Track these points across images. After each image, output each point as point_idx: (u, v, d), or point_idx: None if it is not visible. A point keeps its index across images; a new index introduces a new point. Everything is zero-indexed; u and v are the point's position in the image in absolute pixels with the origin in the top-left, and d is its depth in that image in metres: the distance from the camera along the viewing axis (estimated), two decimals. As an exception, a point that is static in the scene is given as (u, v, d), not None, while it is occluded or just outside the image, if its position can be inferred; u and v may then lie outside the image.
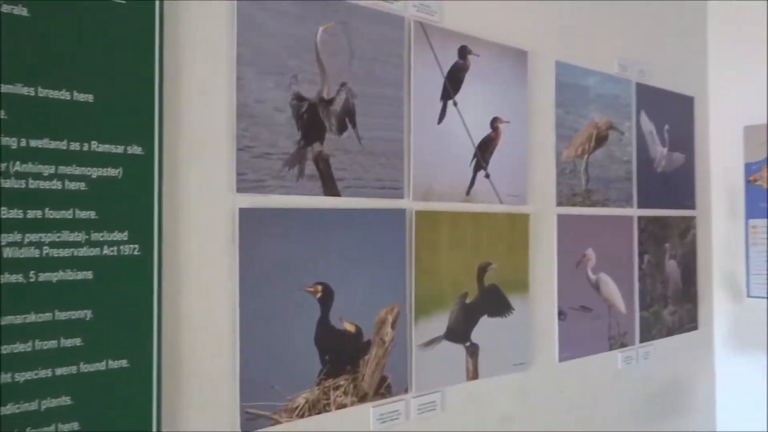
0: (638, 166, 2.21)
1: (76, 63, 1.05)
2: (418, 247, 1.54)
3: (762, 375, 2.41)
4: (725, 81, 2.54)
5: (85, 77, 1.05)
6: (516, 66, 1.80)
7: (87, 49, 1.06)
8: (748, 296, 2.46)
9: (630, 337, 2.15)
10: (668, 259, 2.33)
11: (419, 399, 1.53)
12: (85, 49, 1.05)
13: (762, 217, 2.41)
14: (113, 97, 1.08)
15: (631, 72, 2.19)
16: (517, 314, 1.77)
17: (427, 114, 1.58)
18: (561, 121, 1.94)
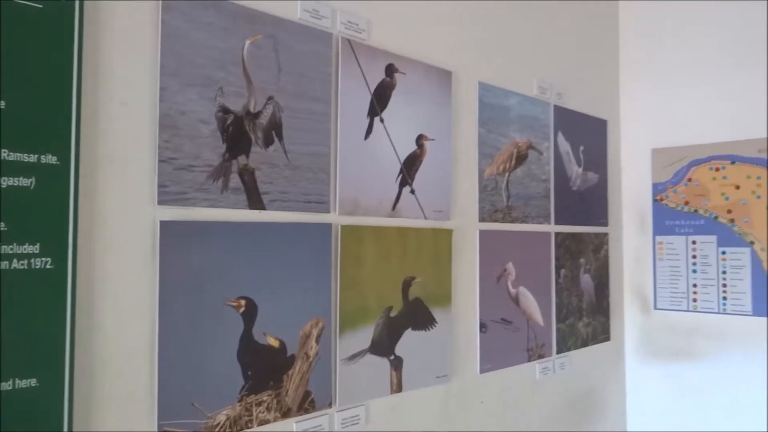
0: (555, 185, 2.31)
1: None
2: (344, 261, 1.55)
3: (668, 382, 2.55)
4: (635, 106, 2.70)
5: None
6: (441, 85, 1.85)
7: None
8: (654, 308, 2.61)
9: (547, 349, 2.24)
10: (583, 273, 2.44)
11: (343, 413, 1.53)
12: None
13: (668, 234, 2.57)
14: (27, 105, 1.04)
15: (549, 95, 2.30)
16: (441, 327, 1.81)
17: (354, 130, 1.60)
18: (483, 140, 2.01)
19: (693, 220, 2.50)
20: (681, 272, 2.53)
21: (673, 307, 2.55)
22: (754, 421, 2.32)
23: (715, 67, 2.47)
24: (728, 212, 2.41)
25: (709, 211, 2.46)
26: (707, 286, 2.46)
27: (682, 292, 2.52)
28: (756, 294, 2.34)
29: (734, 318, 2.39)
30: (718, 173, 2.45)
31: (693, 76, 2.53)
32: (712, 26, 2.48)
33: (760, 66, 2.36)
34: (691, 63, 2.54)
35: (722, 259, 2.42)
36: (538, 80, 2.25)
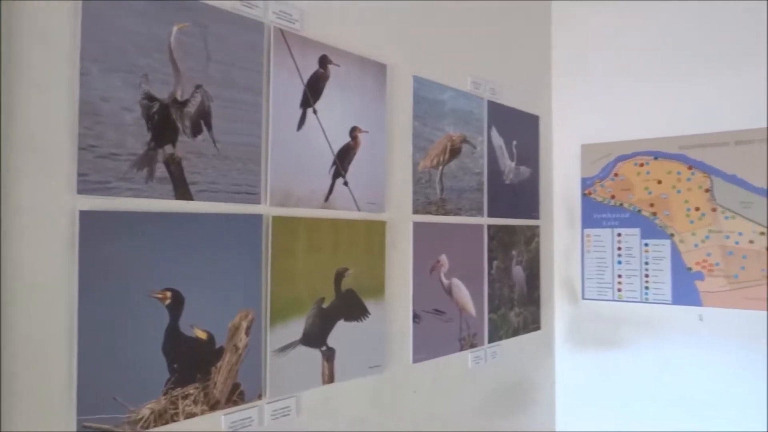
0: (489, 178, 2.36)
1: None
2: (275, 252, 1.54)
3: (595, 369, 2.66)
4: (566, 103, 2.78)
5: None
6: (375, 78, 1.86)
7: None
8: (582, 298, 2.71)
9: (479, 338, 2.29)
10: (515, 264, 2.50)
11: (273, 404, 1.53)
12: None
13: (595, 227, 2.67)
14: (-68, 87, 0.99)
15: (483, 90, 2.34)
16: (373, 318, 1.82)
17: (287, 120, 1.59)
18: (418, 133, 2.03)
19: (618, 213, 2.61)
20: (607, 263, 2.63)
21: (599, 297, 2.66)
22: (676, 405, 2.45)
23: (641, 68, 2.58)
24: (651, 206, 2.53)
25: (633, 205, 2.57)
26: (631, 276, 2.57)
27: (608, 282, 2.63)
28: (675, 284, 2.46)
29: (656, 307, 2.51)
30: (642, 168, 2.55)
31: (620, 76, 2.63)
32: (640, 29, 2.59)
33: (682, 68, 2.47)
34: (619, 64, 2.64)
35: (645, 250, 2.54)
36: (472, 76, 2.29)
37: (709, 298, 2.38)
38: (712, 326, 2.38)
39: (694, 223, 2.42)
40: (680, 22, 2.49)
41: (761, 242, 2.28)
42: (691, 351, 2.42)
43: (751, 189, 2.31)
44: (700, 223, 2.41)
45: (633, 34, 2.61)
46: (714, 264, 2.37)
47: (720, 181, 2.37)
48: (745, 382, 2.30)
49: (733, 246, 2.34)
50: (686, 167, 2.45)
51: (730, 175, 2.35)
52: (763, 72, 2.29)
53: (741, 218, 2.32)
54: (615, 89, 2.64)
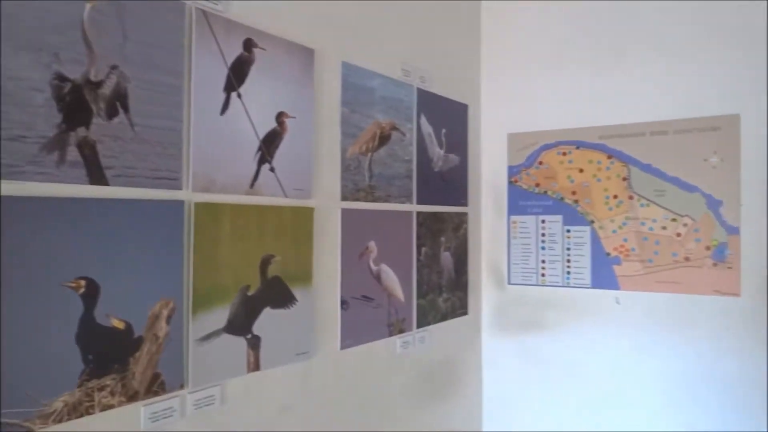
0: (418, 166, 2.38)
1: None
2: (198, 239, 1.51)
3: (520, 352, 2.75)
4: (494, 92, 2.84)
5: None
6: (303, 63, 1.84)
7: None
8: (508, 283, 2.78)
9: (408, 324, 2.32)
10: (443, 251, 2.55)
11: (196, 394, 1.50)
12: None
13: (521, 213, 2.75)
14: None
15: (413, 78, 2.36)
16: (301, 305, 1.82)
17: (209, 104, 1.56)
18: (346, 119, 2.03)
19: (543, 200, 2.69)
20: (532, 249, 2.72)
21: (524, 282, 2.74)
22: (596, 385, 2.56)
23: (565, 61, 2.66)
24: (573, 194, 2.62)
25: (556, 193, 2.66)
26: (554, 261, 2.66)
27: (533, 267, 2.71)
28: (595, 268, 2.56)
29: (576, 290, 2.61)
30: (565, 157, 2.64)
31: (546, 68, 2.70)
32: (564, 23, 2.66)
33: (602, 61, 2.57)
34: (544, 55, 2.71)
35: (567, 236, 2.63)
36: (402, 63, 2.30)
37: (626, 282, 2.50)
38: (628, 308, 2.50)
39: (612, 210, 2.53)
40: (601, 17, 2.58)
41: (673, 228, 2.40)
42: (608, 332, 2.54)
43: (664, 178, 2.43)
44: (618, 211, 2.52)
45: (558, 28, 2.68)
46: (630, 249, 2.49)
47: (636, 170, 2.48)
48: (657, 360, 2.43)
49: (647, 232, 2.46)
50: (606, 156, 2.55)
51: (646, 164, 2.46)
52: (676, 65, 2.40)
53: (655, 206, 2.44)
54: (540, 80, 2.72)
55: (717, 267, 2.32)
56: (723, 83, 2.32)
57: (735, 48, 2.30)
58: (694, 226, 2.37)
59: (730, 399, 2.29)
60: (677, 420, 2.39)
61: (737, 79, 2.29)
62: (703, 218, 2.35)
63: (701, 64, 2.36)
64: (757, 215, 2.25)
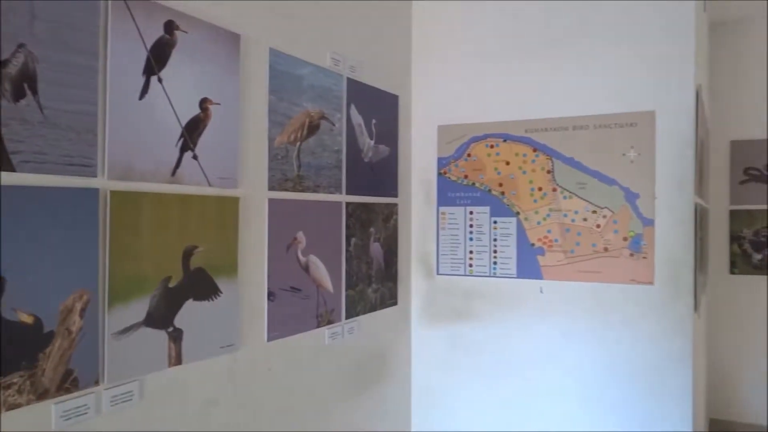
0: (347, 156, 2.37)
1: None
2: (114, 230, 1.44)
3: (448, 341, 2.79)
4: (425, 84, 2.86)
5: None
6: (228, 48, 1.79)
7: None
8: (437, 274, 2.82)
9: (337, 315, 2.31)
10: (373, 241, 2.55)
11: (112, 390, 1.45)
12: None
13: (450, 205, 2.78)
14: None
15: (342, 67, 2.34)
16: (225, 297, 1.78)
17: (128, 88, 1.49)
18: (274, 108, 1.99)
19: (471, 192, 2.74)
20: (460, 240, 2.76)
21: (453, 272, 2.78)
22: (522, 372, 2.63)
23: (494, 55, 2.70)
24: (500, 185, 2.68)
25: (484, 184, 2.71)
26: (481, 252, 2.71)
27: (461, 258, 2.76)
28: (520, 259, 2.63)
29: (503, 280, 2.67)
30: (493, 150, 2.69)
31: (475, 61, 2.74)
32: (494, 18, 2.71)
33: (529, 57, 2.62)
34: (474, 49, 2.75)
35: (494, 227, 2.69)
36: (331, 52, 2.28)
37: (549, 272, 2.58)
38: (551, 297, 2.58)
39: (537, 202, 2.60)
40: (529, 14, 2.63)
41: (593, 220, 2.49)
42: (533, 320, 2.62)
43: (586, 171, 2.51)
44: (542, 202, 2.59)
45: (487, 23, 2.72)
46: (553, 240, 2.57)
47: (560, 163, 2.56)
48: (578, 346, 2.52)
49: (570, 223, 2.54)
50: (531, 150, 2.62)
51: (569, 158, 2.54)
52: (597, 63, 2.49)
53: (577, 198, 2.52)
54: (470, 73, 2.75)
55: (633, 257, 2.43)
56: (640, 81, 2.42)
57: (652, 48, 2.40)
58: (612, 217, 2.46)
59: (648, 381, 2.40)
60: (599, 402, 2.49)
61: (653, 78, 2.40)
62: (621, 210, 2.45)
63: (620, 63, 2.45)
64: (669, 208, 2.37)
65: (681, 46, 2.35)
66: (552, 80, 2.58)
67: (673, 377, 2.35)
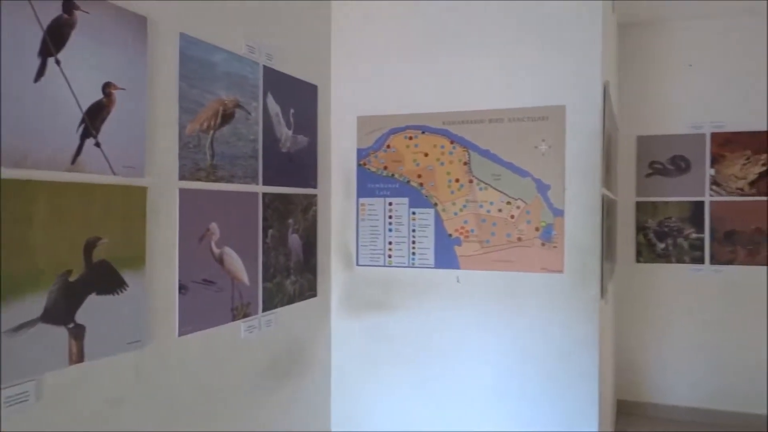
0: (264, 146, 2.33)
1: None
2: (6, 221, 1.35)
3: (368, 332, 2.80)
4: (344, 74, 2.84)
5: None
6: (134, 32, 1.71)
7: None
8: (357, 265, 2.82)
9: (253, 307, 2.27)
10: (291, 233, 2.52)
11: (6, 391, 1.36)
12: None
13: (369, 196, 2.79)
14: None
15: (258, 55, 2.29)
16: (132, 291, 1.70)
17: (20, 70, 1.40)
18: (185, 95, 1.92)
19: (390, 183, 2.75)
20: (379, 231, 2.77)
21: (372, 263, 2.79)
22: (440, 360, 2.68)
23: (413, 47, 2.72)
24: (418, 177, 2.70)
25: (403, 176, 2.73)
26: (400, 243, 2.74)
27: (380, 249, 2.77)
28: (438, 249, 2.67)
29: (421, 271, 2.71)
30: (411, 141, 2.72)
31: (395, 53, 2.75)
32: (413, 10, 2.72)
33: (447, 51, 2.66)
34: (394, 41, 2.76)
35: (412, 218, 2.71)
36: (247, 39, 2.22)
37: (465, 262, 2.63)
38: (467, 287, 2.63)
39: (454, 193, 2.65)
40: (447, 9, 2.66)
41: (507, 211, 2.56)
42: (450, 310, 2.66)
43: (501, 163, 2.58)
44: (459, 194, 2.64)
45: (407, 15, 2.74)
46: (470, 231, 2.62)
47: (476, 155, 2.61)
48: (494, 334, 2.59)
49: (485, 214, 2.60)
50: (449, 142, 2.66)
51: (485, 150, 2.60)
52: (511, 58, 2.55)
53: (492, 189, 2.58)
54: (390, 65, 2.76)
55: (545, 246, 2.52)
56: (551, 77, 2.50)
57: (562, 46, 2.48)
58: (526, 208, 2.54)
59: (558, 364, 2.50)
60: (513, 386, 2.57)
61: (563, 74, 2.48)
62: (534, 201, 2.53)
63: (533, 59, 2.53)
64: (578, 199, 2.47)
65: (589, 44, 2.45)
66: (469, 74, 2.63)
67: (581, 360, 2.46)
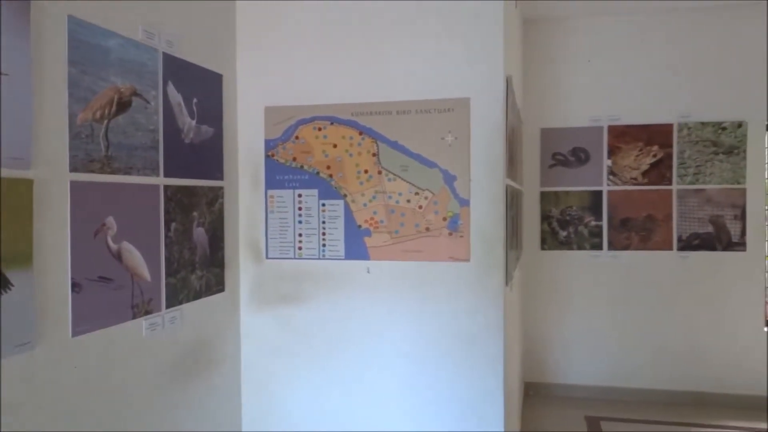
0: (165, 136, 2.24)
1: None
2: None
3: (279, 326, 2.76)
4: (251, 64, 2.78)
5: None
6: (16, 13, 1.59)
7: None
8: (266, 258, 2.78)
9: (156, 304, 2.19)
10: (196, 226, 2.44)
11: None
12: None
13: (278, 188, 2.75)
14: None
15: (158, 41, 2.20)
16: (18, 290, 1.60)
17: None
18: (75, 81, 1.82)
19: (299, 175, 2.72)
20: (289, 223, 2.74)
21: (282, 256, 2.76)
22: (353, 352, 2.69)
23: (322, 37, 2.69)
24: (327, 168, 2.69)
25: (312, 167, 2.71)
26: (310, 235, 2.72)
27: (290, 241, 2.74)
28: (348, 241, 2.67)
29: (331, 262, 2.70)
30: (320, 132, 2.69)
31: (303, 42, 2.71)
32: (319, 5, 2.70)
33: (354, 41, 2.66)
34: (302, 30, 2.72)
35: (322, 210, 2.70)
36: (144, 24, 2.12)
37: (375, 253, 2.65)
38: (378, 277, 2.65)
39: (363, 184, 2.65)
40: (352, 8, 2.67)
41: (416, 201, 2.60)
42: (361, 301, 2.68)
43: (408, 154, 2.60)
44: (368, 185, 2.65)
45: (315, 4, 2.70)
46: (379, 221, 2.64)
47: (384, 146, 2.63)
48: (404, 323, 2.63)
49: (394, 205, 2.62)
50: (357, 133, 2.66)
51: (393, 141, 2.62)
52: (418, 50, 2.58)
53: (401, 180, 2.61)
54: (297, 55, 2.72)
55: (452, 236, 2.57)
56: (456, 69, 2.55)
57: (466, 39, 2.54)
58: (433, 199, 2.58)
59: (466, 350, 2.56)
60: (425, 373, 2.61)
61: (468, 67, 2.54)
62: (441, 192, 2.58)
63: (439, 51, 2.57)
64: (483, 189, 2.54)
65: (492, 39, 2.52)
66: (377, 66, 2.64)
67: (487, 346, 2.54)
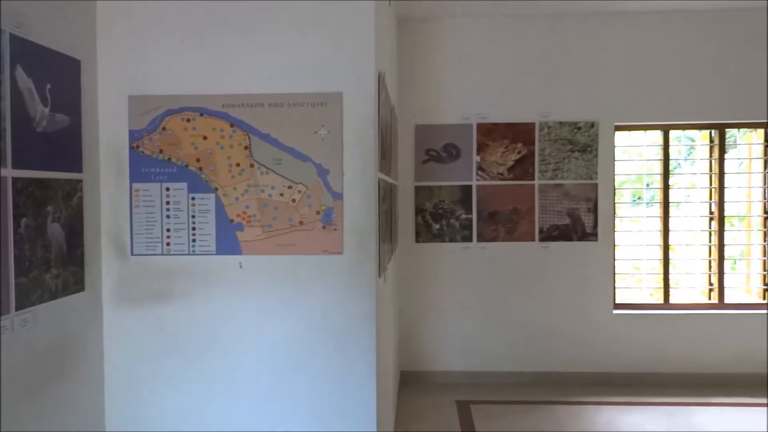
0: (14, 125, 2.07)
1: None
2: None
3: (146, 324, 2.65)
4: (113, 50, 2.63)
5: None
6: None
7: None
8: (132, 254, 2.65)
9: (4, 307, 2.02)
10: (51, 221, 2.28)
11: None
12: None
13: (144, 181, 2.63)
14: None
15: (5, 22, 2.02)
16: None
17: None
18: None
19: (167, 167, 2.62)
20: (156, 218, 2.63)
21: (149, 252, 2.64)
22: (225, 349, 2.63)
23: (193, 24, 2.61)
24: (197, 161, 2.61)
25: (181, 160, 2.62)
26: (179, 230, 2.63)
27: (157, 237, 2.63)
28: (219, 235, 2.62)
29: (202, 258, 2.63)
30: (189, 124, 2.61)
31: (172, 29, 2.61)
32: (186, -17, 2.61)
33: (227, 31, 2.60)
34: (168, 18, 2.61)
35: (192, 204, 2.62)
36: (-13, 1, 1.95)
37: (248, 247, 2.61)
38: (250, 272, 2.62)
39: (235, 178, 2.60)
40: (224, -15, 2.60)
41: (289, 195, 2.59)
42: (233, 296, 2.63)
43: (281, 147, 2.59)
44: (241, 178, 2.60)
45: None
46: (252, 216, 2.61)
47: (257, 139, 2.60)
48: (278, 318, 2.62)
49: (267, 199, 2.60)
50: (229, 125, 2.61)
51: (265, 134, 2.59)
52: (291, 42, 2.57)
53: (273, 174, 2.59)
54: (164, 41, 2.62)
55: (325, 229, 2.59)
56: (329, 64, 2.57)
57: (338, 34, 2.57)
58: (306, 192, 2.59)
59: (339, 341, 2.60)
60: (299, 367, 2.61)
61: (340, 61, 2.57)
62: (314, 185, 2.59)
63: (312, 45, 2.57)
64: (355, 183, 2.58)
65: (363, 34, 2.56)
66: (248, 57, 2.60)
67: (360, 337, 2.59)
